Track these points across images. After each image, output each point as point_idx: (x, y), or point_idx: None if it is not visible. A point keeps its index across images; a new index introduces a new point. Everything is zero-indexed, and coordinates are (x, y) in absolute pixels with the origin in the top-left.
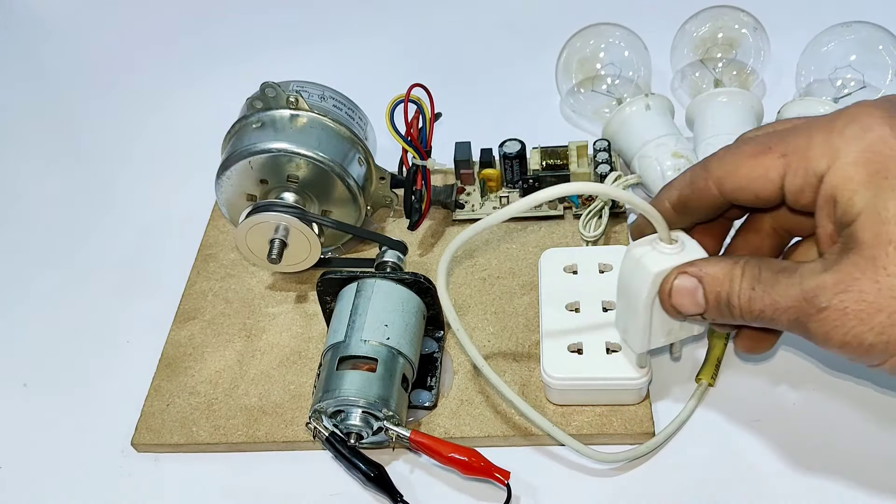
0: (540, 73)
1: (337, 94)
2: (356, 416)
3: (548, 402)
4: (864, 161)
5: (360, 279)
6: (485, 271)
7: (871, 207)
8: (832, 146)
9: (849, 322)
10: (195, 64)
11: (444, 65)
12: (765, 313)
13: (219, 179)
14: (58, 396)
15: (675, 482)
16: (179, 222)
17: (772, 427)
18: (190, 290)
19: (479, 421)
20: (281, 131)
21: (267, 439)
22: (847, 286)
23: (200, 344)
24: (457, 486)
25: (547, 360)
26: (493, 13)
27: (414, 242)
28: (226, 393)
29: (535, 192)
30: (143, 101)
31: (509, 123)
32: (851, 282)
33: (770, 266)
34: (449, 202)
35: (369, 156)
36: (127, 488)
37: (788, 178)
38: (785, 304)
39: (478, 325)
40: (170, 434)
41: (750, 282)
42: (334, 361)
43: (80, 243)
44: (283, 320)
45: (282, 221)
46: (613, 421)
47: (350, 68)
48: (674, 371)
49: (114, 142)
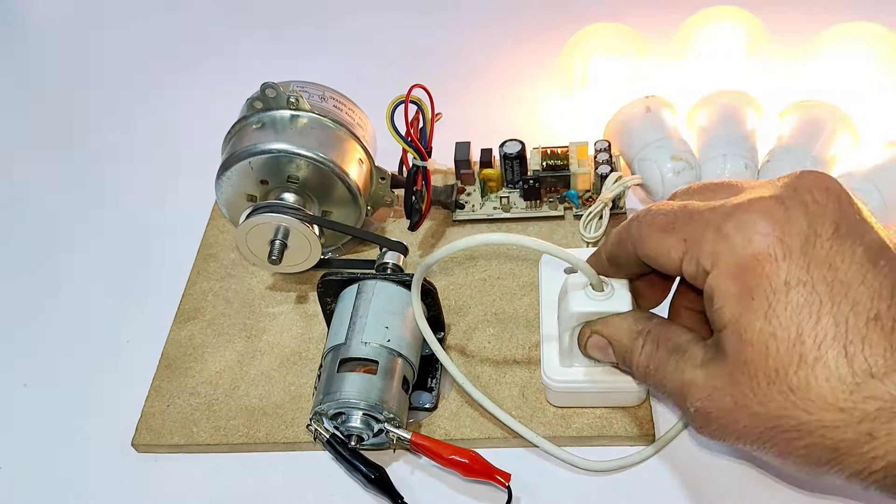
0: (540, 73)
1: (337, 94)
2: (357, 419)
3: (548, 404)
4: (736, 276)
5: (360, 281)
6: (485, 272)
7: (734, 324)
8: (716, 251)
9: (712, 424)
10: (195, 64)
11: (444, 65)
12: (657, 388)
13: (219, 180)
14: (58, 396)
15: (676, 483)
16: (179, 222)
17: None
18: (190, 290)
19: (479, 423)
20: (281, 132)
21: (267, 440)
22: (710, 393)
23: (201, 344)
24: (457, 488)
25: (547, 362)
26: (493, 13)
27: (414, 243)
28: (226, 393)
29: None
30: (143, 101)
31: (509, 123)
32: (713, 390)
33: (667, 343)
34: (449, 202)
35: (369, 156)
36: (127, 489)
37: (685, 262)
38: (670, 388)
39: (478, 326)
40: (170, 435)
41: (646, 359)
42: (335, 363)
43: (81, 243)
44: (284, 321)
45: (282, 222)
46: (614, 423)
47: (350, 68)
48: None
49: (114, 142)
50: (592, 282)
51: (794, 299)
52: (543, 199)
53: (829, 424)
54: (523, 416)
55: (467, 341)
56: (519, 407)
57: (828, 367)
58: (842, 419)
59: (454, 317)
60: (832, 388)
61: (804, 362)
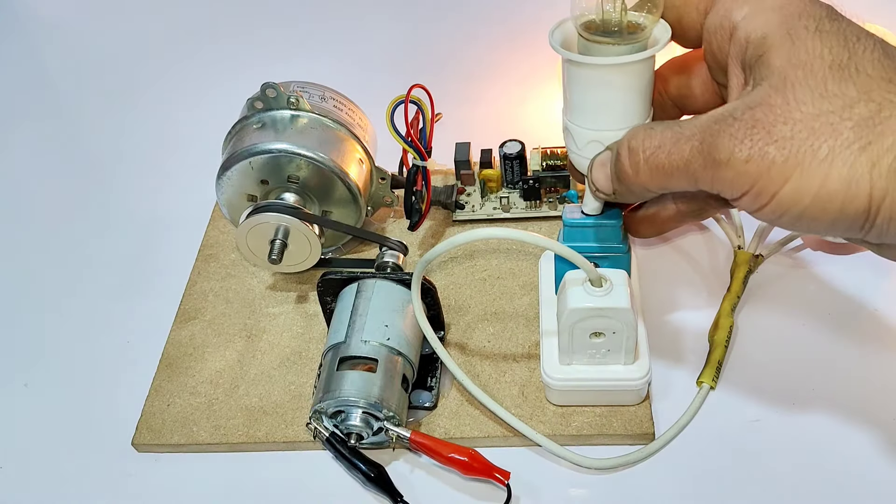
0: (540, 73)
1: (337, 94)
2: (356, 417)
3: (548, 403)
4: (780, 7)
5: (360, 280)
6: (485, 272)
7: (783, 37)
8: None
9: (756, 135)
10: (196, 64)
11: (444, 65)
12: (661, 150)
13: (219, 180)
14: (58, 396)
15: (676, 482)
16: (179, 222)
17: (772, 427)
18: (190, 290)
19: (479, 421)
20: (282, 132)
21: (267, 439)
22: (758, 102)
23: (201, 344)
24: (457, 487)
25: (547, 360)
26: (493, 13)
27: (414, 243)
28: (226, 393)
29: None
30: (143, 101)
31: (509, 124)
32: (763, 99)
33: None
34: (449, 203)
35: (369, 156)
36: (127, 488)
37: (710, 15)
38: (689, 131)
39: (478, 326)
40: (170, 434)
41: (643, 130)
42: (335, 362)
43: (81, 243)
44: (284, 320)
45: (282, 222)
46: (613, 422)
47: (350, 68)
48: (674, 371)
49: (114, 142)
50: (591, 278)
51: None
52: (543, 199)
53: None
54: (523, 414)
55: (467, 340)
56: (518, 406)
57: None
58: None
59: (454, 316)
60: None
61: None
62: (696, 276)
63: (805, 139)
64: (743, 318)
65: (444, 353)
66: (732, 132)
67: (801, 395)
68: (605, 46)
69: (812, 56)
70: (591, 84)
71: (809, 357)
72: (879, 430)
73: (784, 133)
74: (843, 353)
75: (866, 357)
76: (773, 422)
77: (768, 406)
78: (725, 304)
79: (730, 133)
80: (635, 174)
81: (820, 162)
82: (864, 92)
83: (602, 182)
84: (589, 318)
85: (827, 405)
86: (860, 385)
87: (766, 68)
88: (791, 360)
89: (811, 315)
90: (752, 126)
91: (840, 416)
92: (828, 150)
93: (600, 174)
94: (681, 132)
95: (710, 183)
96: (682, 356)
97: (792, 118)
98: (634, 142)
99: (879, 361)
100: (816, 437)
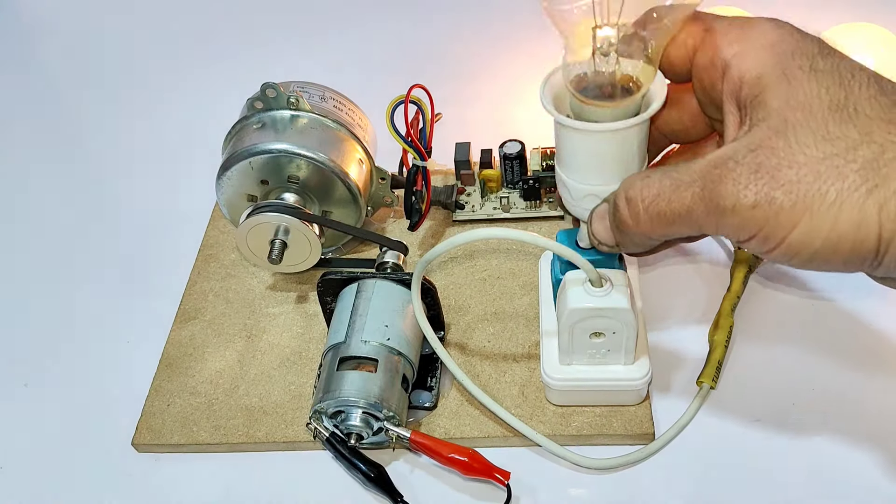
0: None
1: (337, 94)
2: (356, 417)
3: (548, 403)
4: (771, 45)
5: (360, 280)
6: (485, 272)
7: (778, 77)
8: (743, 32)
9: (760, 179)
10: (195, 64)
11: (444, 65)
12: (661, 198)
13: (219, 180)
14: (58, 396)
15: (676, 482)
16: (179, 222)
17: (772, 427)
18: (190, 290)
19: (479, 421)
20: (281, 132)
21: (267, 439)
22: (759, 145)
23: (201, 344)
24: (457, 487)
25: (547, 360)
26: (493, 13)
27: (414, 243)
28: (226, 393)
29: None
30: (143, 101)
31: (509, 124)
32: (763, 141)
33: (672, 168)
34: (449, 203)
35: (369, 156)
36: (127, 488)
37: (699, 53)
38: (689, 178)
39: (478, 326)
40: (170, 434)
41: (639, 179)
42: (335, 362)
43: (81, 243)
44: (284, 320)
45: (282, 222)
46: (613, 422)
47: (350, 68)
48: (674, 371)
49: (114, 142)
50: (591, 278)
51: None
52: (543, 199)
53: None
54: (523, 414)
55: (467, 340)
56: (518, 406)
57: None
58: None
59: (454, 316)
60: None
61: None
62: (697, 276)
63: (812, 183)
64: (743, 318)
65: (444, 353)
66: (735, 177)
67: (801, 395)
68: (598, 110)
69: (810, 97)
70: (584, 146)
71: (809, 357)
72: (879, 430)
73: (790, 177)
74: (843, 354)
75: (866, 357)
76: (773, 422)
77: (768, 406)
78: (725, 304)
79: (733, 178)
80: (636, 224)
81: (829, 206)
82: (866, 133)
83: (603, 234)
84: (589, 319)
85: (827, 405)
86: (860, 385)
87: (763, 109)
88: (791, 360)
89: (811, 315)
90: (755, 170)
91: (840, 416)
92: (836, 193)
93: (600, 227)
94: (679, 179)
95: (715, 228)
96: (682, 356)
97: (797, 162)
98: (632, 191)
99: (879, 361)
100: (816, 437)
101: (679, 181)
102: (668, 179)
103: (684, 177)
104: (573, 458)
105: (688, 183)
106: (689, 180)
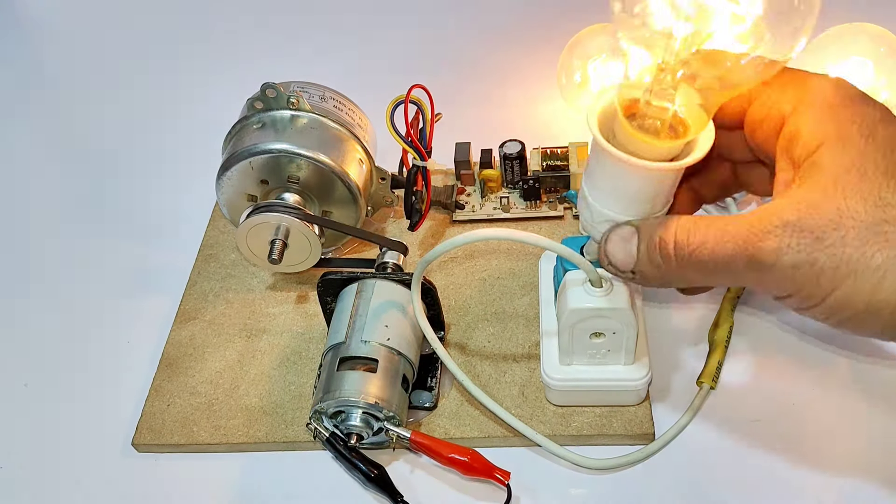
0: (540, 74)
1: (337, 94)
2: (356, 417)
3: (548, 403)
4: (831, 107)
5: (360, 280)
6: (485, 272)
7: (835, 139)
8: (804, 90)
9: (804, 240)
10: (196, 64)
11: (444, 65)
12: (705, 247)
13: (219, 180)
14: (58, 396)
15: (676, 482)
16: (179, 222)
17: (772, 427)
18: (190, 290)
19: (479, 421)
20: (282, 132)
21: (267, 439)
22: (806, 204)
23: (201, 344)
24: (457, 487)
25: (547, 360)
26: (493, 13)
27: (414, 243)
28: (226, 393)
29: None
30: (143, 102)
31: (509, 124)
32: (812, 201)
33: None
34: (449, 203)
35: (370, 156)
36: (127, 488)
37: (755, 105)
38: (734, 230)
39: (478, 326)
40: (170, 434)
41: (689, 223)
42: (335, 362)
43: (81, 243)
44: (284, 320)
45: (282, 222)
46: (613, 422)
47: (350, 69)
48: (674, 371)
49: (114, 142)
50: (591, 278)
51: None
52: (543, 199)
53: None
54: (523, 414)
55: (467, 340)
56: (518, 406)
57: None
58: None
59: (454, 316)
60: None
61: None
62: None
63: (858, 247)
64: (743, 318)
65: (444, 353)
66: (779, 234)
67: (801, 395)
68: (639, 141)
69: (866, 161)
70: (621, 175)
71: (809, 357)
72: (879, 430)
73: (834, 240)
74: (843, 353)
75: (866, 357)
76: (773, 422)
77: (768, 406)
78: (725, 304)
79: (776, 236)
80: (678, 267)
81: (873, 271)
82: None
83: (620, 258)
84: (589, 319)
85: (826, 405)
86: (860, 385)
87: (816, 169)
88: (791, 360)
89: None
90: (799, 230)
91: (840, 416)
92: (882, 259)
93: (619, 250)
94: (725, 230)
95: (754, 283)
96: (682, 356)
97: (844, 225)
98: (681, 235)
99: (879, 361)
100: (816, 437)
101: (725, 232)
102: (714, 229)
103: (730, 228)
104: (573, 458)
105: (732, 235)
106: (735, 232)
